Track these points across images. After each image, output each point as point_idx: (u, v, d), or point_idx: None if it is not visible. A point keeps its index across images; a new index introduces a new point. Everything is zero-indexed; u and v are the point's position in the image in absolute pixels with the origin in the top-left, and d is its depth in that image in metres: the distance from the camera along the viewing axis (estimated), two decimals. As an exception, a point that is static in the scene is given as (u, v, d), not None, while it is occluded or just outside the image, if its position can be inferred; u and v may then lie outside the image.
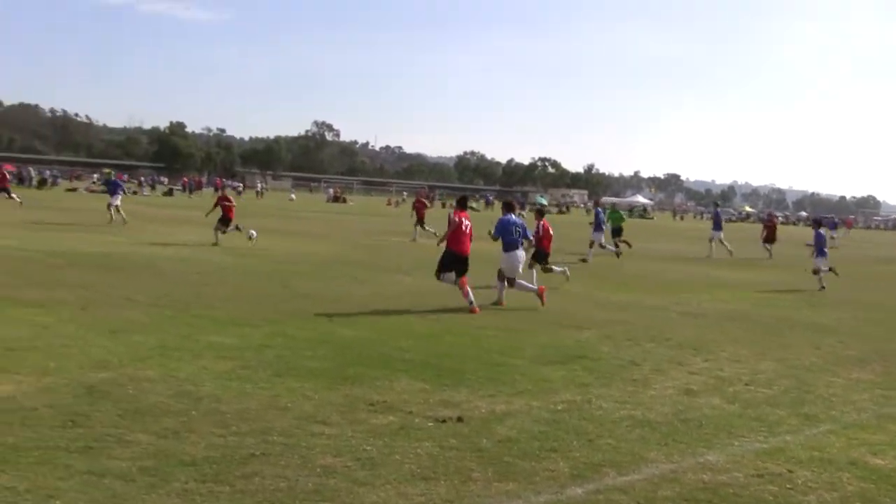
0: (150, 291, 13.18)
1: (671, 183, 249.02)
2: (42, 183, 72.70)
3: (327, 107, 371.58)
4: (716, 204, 43.06)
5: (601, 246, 25.69)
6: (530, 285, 14.80)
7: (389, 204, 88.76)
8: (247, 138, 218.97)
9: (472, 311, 12.94)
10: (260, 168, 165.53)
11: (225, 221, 23.38)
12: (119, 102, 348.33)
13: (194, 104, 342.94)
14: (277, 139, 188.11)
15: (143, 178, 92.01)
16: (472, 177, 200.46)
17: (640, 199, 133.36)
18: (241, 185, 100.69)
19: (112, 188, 31.13)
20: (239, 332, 10.26)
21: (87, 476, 5.04)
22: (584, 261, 24.01)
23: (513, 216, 14.58)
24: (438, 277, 13.90)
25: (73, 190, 69.39)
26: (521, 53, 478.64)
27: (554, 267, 17.43)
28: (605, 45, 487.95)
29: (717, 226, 30.94)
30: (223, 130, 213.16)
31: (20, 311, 10.59)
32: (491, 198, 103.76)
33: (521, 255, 14.54)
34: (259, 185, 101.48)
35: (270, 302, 13.01)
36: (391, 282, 16.97)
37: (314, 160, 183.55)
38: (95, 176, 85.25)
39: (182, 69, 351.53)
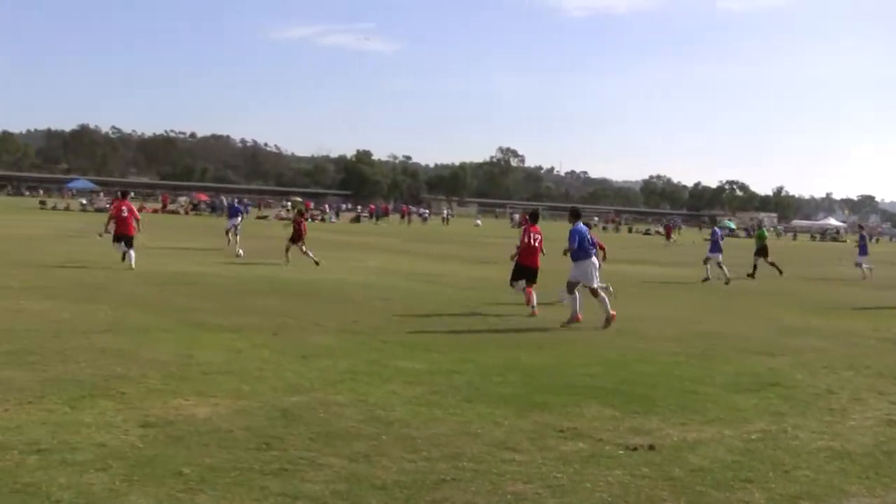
0: (339, 317, 15.92)
1: (865, 204, 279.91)
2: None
3: (512, 133, 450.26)
4: (860, 227, 47.68)
5: (718, 266, 29.90)
6: (576, 302, 16.75)
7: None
8: (432, 165, 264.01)
9: (532, 314, 17.61)
10: (446, 194, 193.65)
11: (295, 239, 28.97)
12: (307, 132, 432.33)
13: (380, 132, 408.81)
14: (462, 165, 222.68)
15: (327, 206, 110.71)
16: (658, 201, 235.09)
17: (833, 221, 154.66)
18: (427, 211, 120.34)
19: (232, 212, 37.11)
20: (427, 357, 12.21)
21: (281, 498, 6.27)
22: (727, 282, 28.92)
23: (582, 225, 17.12)
24: (511, 285, 19.02)
25: (264, 218, 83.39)
26: (707, 76, 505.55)
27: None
28: (795, 66, 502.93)
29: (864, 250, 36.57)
30: (409, 157, 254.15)
31: (216, 336, 13.01)
32: (679, 222, 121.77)
33: (596, 262, 17.31)
34: (445, 211, 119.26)
35: (456, 328, 15.59)
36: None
37: (499, 186, 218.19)
38: (289, 204, 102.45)
39: (367, 98, 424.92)
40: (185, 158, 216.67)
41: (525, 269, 18.45)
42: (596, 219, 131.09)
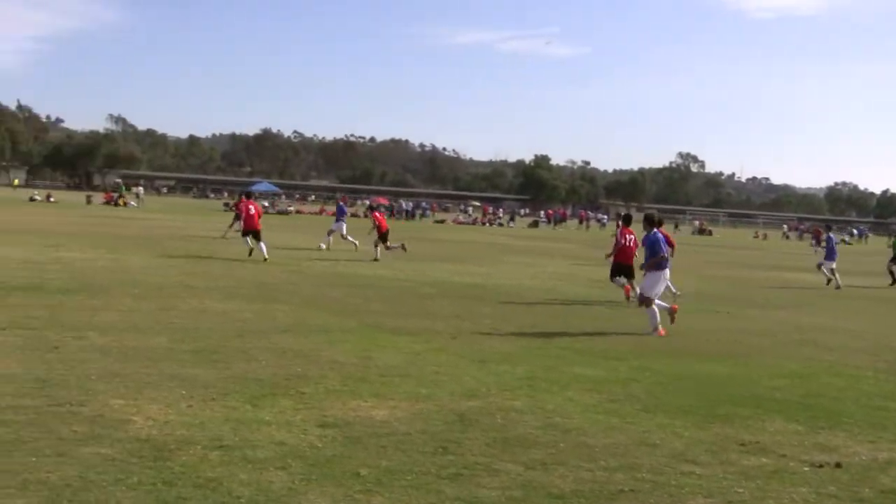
0: (516, 321, 16.11)
1: None
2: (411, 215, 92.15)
3: (692, 137, 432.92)
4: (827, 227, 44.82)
5: (830, 272, 30.32)
6: (656, 317, 15.98)
7: (756, 237, 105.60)
8: (610, 170, 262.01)
9: (627, 297, 20.33)
10: (624, 200, 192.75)
11: (383, 238, 30.42)
12: (485, 137, 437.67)
13: (558, 137, 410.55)
14: (641, 171, 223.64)
15: (500, 209, 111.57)
16: (843, 208, 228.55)
17: None
18: (606, 216, 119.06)
19: (339, 213, 37.44)
20: (605, 364, 12.19)
21: (456, 503, 6.33)
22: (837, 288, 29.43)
23: (659, 232, 16.76)
24: (612, 280, 21.46)
25: (442, 222, 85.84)
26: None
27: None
28: None
29: None
30: (587, 162, 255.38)
31: (394, 339, 13.24)
32: (864, 230, 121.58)
33: (668, 274, 17.19)
34: None
35: (634, 335, 15.48)
36: (761, 317, 19.63)
37: (678, 192, 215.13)
38: (469, 208, 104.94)
39: (545, 103, 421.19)
40: (364, 162, 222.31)
41: (622, 267, 20.72)
42: (785, 227, 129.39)
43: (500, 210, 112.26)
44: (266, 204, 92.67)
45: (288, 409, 8.49)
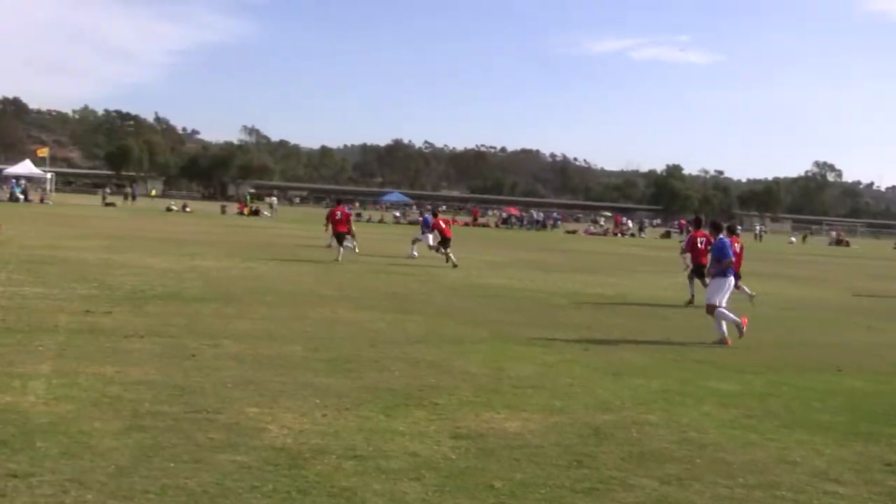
0: (650, 333, 16.07)
1: None
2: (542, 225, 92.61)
3: (828, 146, 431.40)
4: None
5: None
6: (723, 325, 15.60)
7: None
8: (744, 180, 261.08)
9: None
10: (758, 210, 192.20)
11: (445, 243, 30.83)
12: (616, 146, 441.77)
13: (691, 146, 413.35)
14: (776, 180, 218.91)
15: (629, 220, 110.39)
16: None
17: None
18: (740, 227, 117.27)
19: (424, 225, 37.03)
20: (741, 378, 11.95)
21: None
22: None
23: (726, 238, 16.66)
24: (691, 280, 22.59)
25: (573, 232, 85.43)
26: None
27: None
28: None
29: None
30: (721, 172, 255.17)
31: (527, 350, 13.24)
32: None
33: (732, 282, 16.65)
34: (758, 227, 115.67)
35: (769, 348, 15.18)
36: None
37: (814, 202, 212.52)
38: (601, 219, 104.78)
39: (678, 112, 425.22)
40: (495, 172, 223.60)
41: (700, 267, 21.44)
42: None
43: (630, 221, 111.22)
44: (398, 214, 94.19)
45: (421, 420, 8.53)
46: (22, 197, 72.23)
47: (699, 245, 22.20)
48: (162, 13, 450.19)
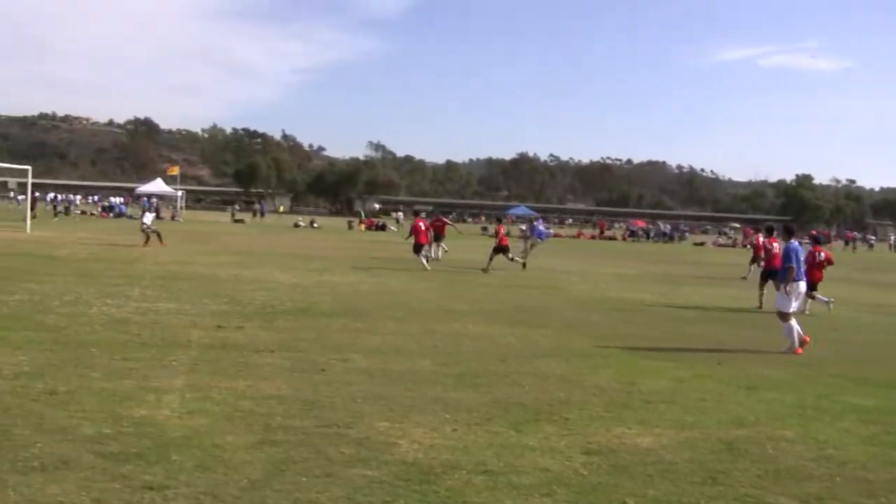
0: (783, 347, 15.49)
1: None
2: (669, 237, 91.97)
3: None
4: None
5: None
6: (793, 333, 15.29)
7: None
8: (878, 188, 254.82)
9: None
10: (892, 219, 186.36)
11: (502, 250, 31.53)
12: (744, 156, 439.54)
13: (821, 155, 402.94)
14: None
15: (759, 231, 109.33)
16: None
17: None
18: (874, 237, 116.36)
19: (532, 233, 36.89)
20: (880, 393, 11.65)
21: None
22: None
23: (796, 243, 16.34)
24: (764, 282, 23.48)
25: (701, 244, 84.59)
26: None
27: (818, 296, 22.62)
28: None
29: None
30: (853, 181, 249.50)
31: (657, 364, 13.07)
32: None
33: (804, 287, 16.74)
34: (892, 237, 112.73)
35: None
36: None
37: None
38: (730, 230, 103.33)
39: (807, 120, 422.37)
40: (621, 185, 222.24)
41: (773, 269, 21.78)
42: None
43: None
44: (524, 227, 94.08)
45: (552, 436, 8.48)
46: (154, 214, 74.36)
47: (773, 250, 23.88)
48: (287, 33, 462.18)
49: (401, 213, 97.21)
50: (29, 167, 48.73)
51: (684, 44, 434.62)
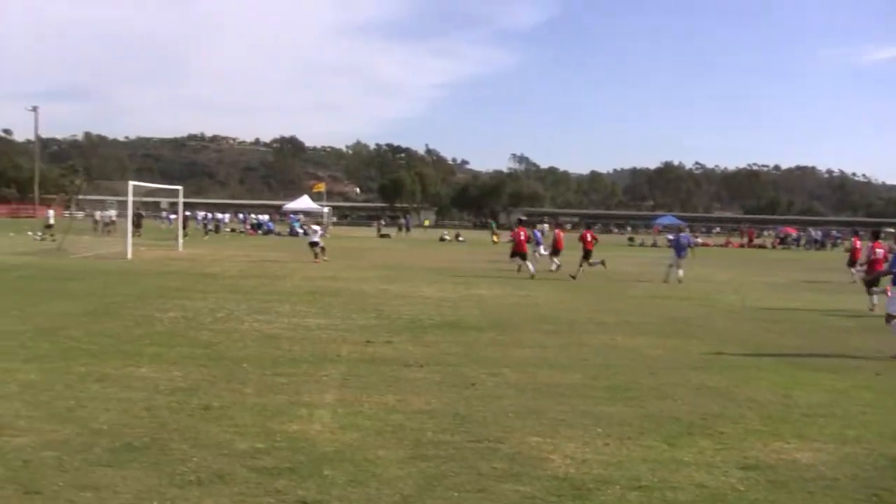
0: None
1: None
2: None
3: None
4: None
5: None
6: None
7: None
8: None
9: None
10: None
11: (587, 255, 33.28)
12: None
13: None
14: None
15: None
16: None
17: None
18: None
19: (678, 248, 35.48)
20: None
21: None
22: None
23: None
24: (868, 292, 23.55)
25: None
26: None
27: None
28: None
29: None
30: None
31: (814, 376, 12.74)
32: None
33: None
34: None
35: None
36: None
37: None
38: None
39: None
40: (769, 191, 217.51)
41: (878, 273, 22.15)
42: None
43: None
44: (671, 237, 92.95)
45: (707, 450, 8.33)
46: (301, 231, 75.82)
47: (876, 256, 25.24)
48: (427, 48, 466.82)
49: (545, 226, 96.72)
50: (180, 187, 50.22)
51: (829, 45, 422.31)
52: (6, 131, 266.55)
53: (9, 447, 7.63)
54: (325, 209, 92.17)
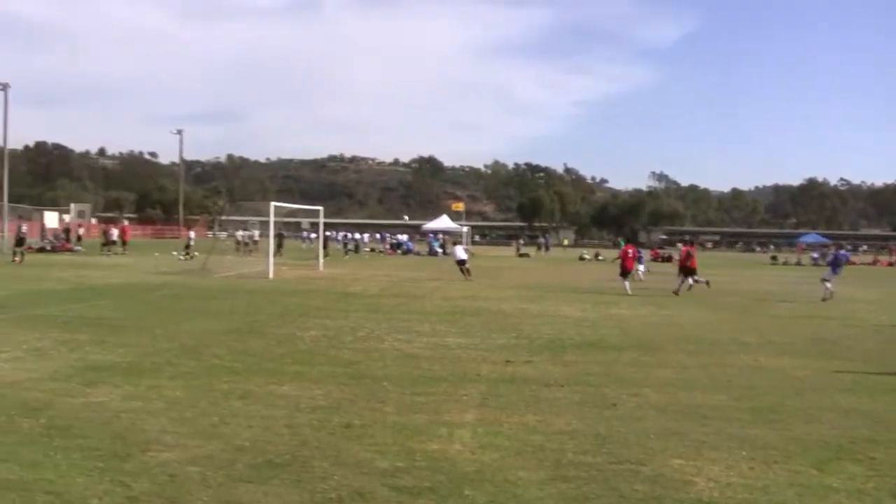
0: None
1: None
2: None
3: None
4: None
5: None
6: None
7: None
8: None
9: None
10: None
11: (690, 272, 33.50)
12: None
13: None
14: None
15: None
16: None
17: None
18: None
19: (835, 264, 34.30)
20: None
21: None
22: None
23: None
24: None
25: None
26: None
27: None
28: None
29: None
30: None
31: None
32: None
33: None
34: None
35: None
36: None
37: None
38: None
39: None
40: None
41: None
42: None
43: None
44: (815, 255, 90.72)
45: (857, 476, 8.07)
46: (440, 251, 76.37)
47: None
48: (565, 66, 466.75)
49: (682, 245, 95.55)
50: (320, 207, 51.13)
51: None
52: (152, 154, 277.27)
53: (155, 462, 7.87)
54: (465, 228, 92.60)
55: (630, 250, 35.81)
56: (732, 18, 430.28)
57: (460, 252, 41.49)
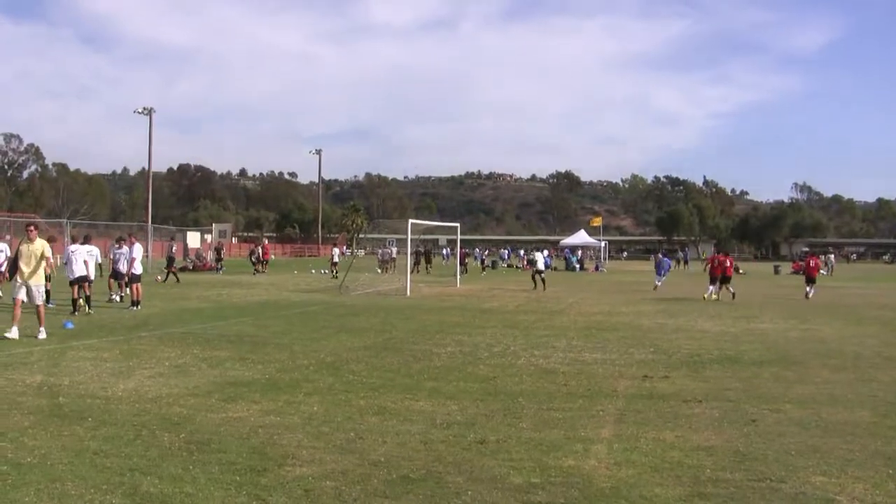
0: None
1: None
2: None
3: None
4: None
5: None
6: None
7: None
8: None
9: None
10: None
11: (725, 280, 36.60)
12: None
13: None
14: None
15: None
16: None
17: None
18: None
19: None
20: None
21: None
22: None
23: None
24: None
25: None
26: None
27: None
28: None
29: None
30: None
31: None
32: None
33: None
34: None
35: None
36: None
37: None
38: None
39: None
40: None
41: None
42: None
43: None
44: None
45: None
46: (578, 266, 76.01)
47: None
48: (703, 78, 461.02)
49: (831, 256, 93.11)
50: (457, 224, 51.41)
51: None
52: (292, 174, 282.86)
53: (291, 476, 7.96)
54: (602, 244, 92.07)
55: (718, 259, 38.27)
56: (879, 24, 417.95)
57: (541, 261, 42.52)
